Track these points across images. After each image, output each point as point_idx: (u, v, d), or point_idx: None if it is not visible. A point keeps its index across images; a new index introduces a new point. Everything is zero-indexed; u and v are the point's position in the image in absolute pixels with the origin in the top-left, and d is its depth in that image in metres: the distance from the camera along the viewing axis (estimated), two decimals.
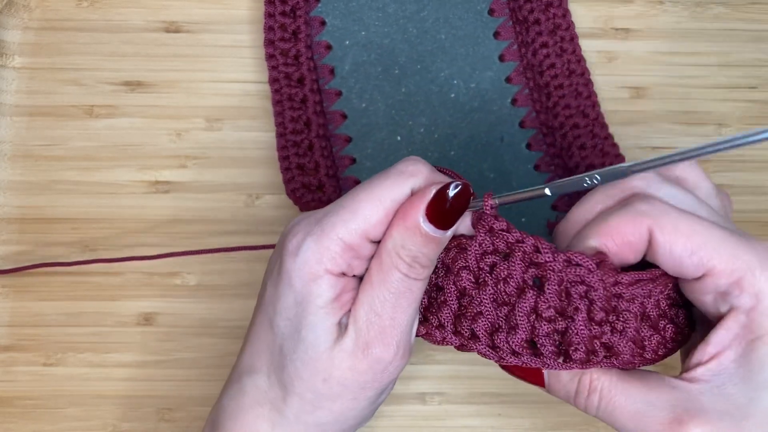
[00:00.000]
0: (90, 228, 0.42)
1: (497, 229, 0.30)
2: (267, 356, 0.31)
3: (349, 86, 0.44)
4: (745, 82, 0.45)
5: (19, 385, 0.41)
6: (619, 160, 0.42)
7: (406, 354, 0.30)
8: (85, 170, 0.43)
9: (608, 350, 0.29)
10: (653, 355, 0.29)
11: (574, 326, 0.29)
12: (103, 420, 0.40)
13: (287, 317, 0.30)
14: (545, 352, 0.29)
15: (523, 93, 0.44)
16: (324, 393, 0.30)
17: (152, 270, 0.42)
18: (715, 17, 0.46)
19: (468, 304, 0.30)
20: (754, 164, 0.44)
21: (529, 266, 0.29)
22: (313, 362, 0.29)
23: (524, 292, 0.29)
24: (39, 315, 0.41)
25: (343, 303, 0.30)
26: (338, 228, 0.29)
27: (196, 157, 0.43)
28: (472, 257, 0.30)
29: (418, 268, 0.29)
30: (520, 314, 0.29)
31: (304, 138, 0.42)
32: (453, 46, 0.44)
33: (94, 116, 0.44)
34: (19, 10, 0.44)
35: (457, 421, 0.41)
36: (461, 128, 0.43)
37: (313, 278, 0.29)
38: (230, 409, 0.31)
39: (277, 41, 0.43)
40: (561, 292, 0.29)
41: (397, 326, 0.29)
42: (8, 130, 0.43)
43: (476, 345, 0.30)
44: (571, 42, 0.44)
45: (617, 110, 0.45)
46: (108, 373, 0.41)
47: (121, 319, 0.41)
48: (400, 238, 0.29)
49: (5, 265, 0.41)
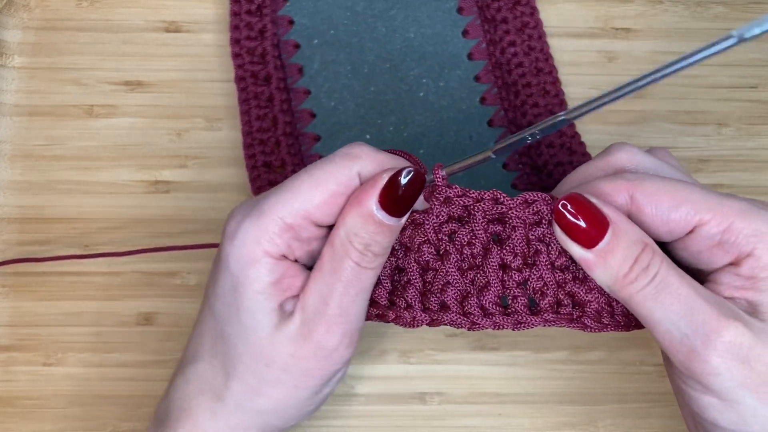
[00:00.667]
0: (90, 228, 0.42)
1: (453, 195, 0.30)
2: (210, 342, 0.30)
3: (318, 85, 0.43)
4: (745, 82, 0.45)
5: (19, 385, 0.40)
6: (586, 159, 0.42)
7: (352, 344, 0.30)
8: (85, 170, 0.43)
9: (575, 300, 0.29)
10: (624, 319, 0.30)
11: (537, 271, 0.29)
12: (103, 420, 0.40)
13: (226, 302, 0.29)
14: (517, 306, 0.29)
15: (491, 92, 0.44)
16: (266, 378, 0.29)
17: (152, 270, 0.42)
18: (715, 17, 0.46)
19: (433, 279, 0.30)
20: (754, 164, 0.45)
21: (489, 223, 0.30)
22: (254, 347, 0.29)
23: (489, 250, 0.29)
24: (39, 315, 0.41)
25: (284, 288, 0.29)
26: (277, 208, 0.29)
27: (196, 157, 0.43)
28: (430, 230, 0.30)
29: (371, 256, 0.29)
30: (490, 271, 0.29)
31: (270, 136, 0.42)
32: (422, 45, 0.44)
33: (94, 116, 0.44)
34: (19, 10, 0.44)
35: (457, 421, 0.41)
36: (430, 127, 0.43)
37: (250, 262, 0.29)
38: (174, 399, 0.31)
39: (243, 40, 0.43)
40: (523, 238, 0.29)
41: (344, 315, 0.29)
42: (8, 130, 0.43)
43: (447, 316, 0.29)
44: (539, 40, 0.44)
45: (617, 110, 0.45)
46: (108, 373, 0.41)
47: (121, 319, 0.41)
48: (352, 226, 0.28)
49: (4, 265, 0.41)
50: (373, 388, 0.41)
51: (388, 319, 0.30)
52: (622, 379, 0.41)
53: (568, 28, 0.46)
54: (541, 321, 0.29)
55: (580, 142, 0.43)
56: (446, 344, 0.41)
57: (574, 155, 0.42)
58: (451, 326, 0.30)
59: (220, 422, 0.30)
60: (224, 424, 0.30)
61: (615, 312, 0.30)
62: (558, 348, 0.41)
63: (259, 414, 0.30)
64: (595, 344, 0.41)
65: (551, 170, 0.42)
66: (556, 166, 0.42)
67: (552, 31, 0.46)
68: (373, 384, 0.41)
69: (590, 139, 0.44)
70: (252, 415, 0.30)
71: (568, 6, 0.46)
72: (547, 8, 0.46)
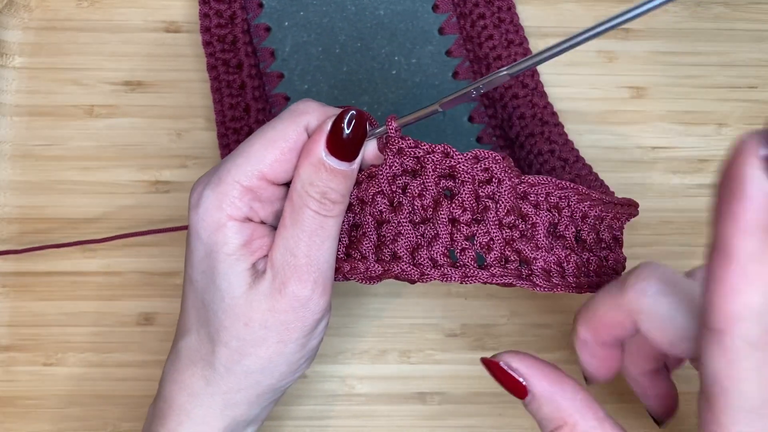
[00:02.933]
0: (90, 228, 0.42)
1: (405, 146, 0.30)
2: (194, 314, 0.31)
3: (291, 68, 0.43)
4: (745, 82, 0.45)
5: (19, 385, 0.41)
6: (558, 129, 0.42)
7: (326, 292, 0.30)
8: (85, 170, 0.43)
9: (521, 257, 0.30)
10: (575, 279, 0.30)
11: (485, 227, 0.30)
12: (103, 420, 0.40)
13: (201, 270, 0.30)
14: (465, 259, 0.30)
15: (464, 66, 0.44)
16: (248, 338, 0.30)
17: (152, 270, 0.42)
18: (715, 17, 0.46)
19: (386, 231, 0.30)
20: None
21: (441, 178, 0.30)
22: (232, 308, 0.30)
23: (440, 204, 0.30)
24: (39, 315, 0.41)
25: (254, 249, 0.30)
26: (233, 172, 0.30)
27: (196, 157, 0.43)
28: (383, 180, 0.30)
29: (329, 204, 0.29)
30: (440, 224, 0.30)
31: (243, 125, 0.42)
32: (392, 22, 0.44)
33: (94, 116, 0.44)
34: (19, 10, 0.44)
35: (457, 421, 0.41)
36: (404, 104, 0.43)
37: (217, 227, 0.30)
38: (169, 373, 0.32)
39: (214, 28, 0.43)
40: (473, 193, 0.30)
41: (313, 263, 0.29)
42: (8, 130, 0.43)
43: (398, 265, 0.30)
44: (509, 12, 0.44)
45: (617, 110, 0.45)
46: (108, 373, 0.41)
47: (121, 319, 0.41)
48: (306, 176, 0.29)
49: (4, 265, 0.41)
50: (373, 388, 0.41)
51: (344, 271, 0.31)
52: (622, 379, 0.41)
53: (568, 28, 0.46)
54: (489, 275, 0.30)
55: (553, 113, 0.43)
56: (446, 344, 0.41)
57: (546, 126, 0.42)
58: (402, 278, 0.30)
59: (214, 388, 0.31)
60: (217, 389, 0.31)
61: (566, 273, 0.30)
62: (558, 348, 0.41)
63: (248, 374, 0.31)
64: None
65: (514, 122, 0.42)
66: (519, 118, 0.42)
67: (552, 31, 0.46)
68: (373, 384, 0.41)
69: (590, 139, 0.44)
70: (242, 377, 0.31)
71: (568, 6, 0.46)
72: (547, 8, 0.46)
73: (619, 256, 0.33)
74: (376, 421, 0.41)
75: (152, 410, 0.32)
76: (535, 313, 0.42)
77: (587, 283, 0.31)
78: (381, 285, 0.42)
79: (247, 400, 0.31)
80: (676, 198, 0.44)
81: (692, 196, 0.44)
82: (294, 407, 0.41)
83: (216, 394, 0.31)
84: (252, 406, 0.31)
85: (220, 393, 0.31)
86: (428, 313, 0.42)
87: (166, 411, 0.31)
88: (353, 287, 0.42)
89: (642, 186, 0.44)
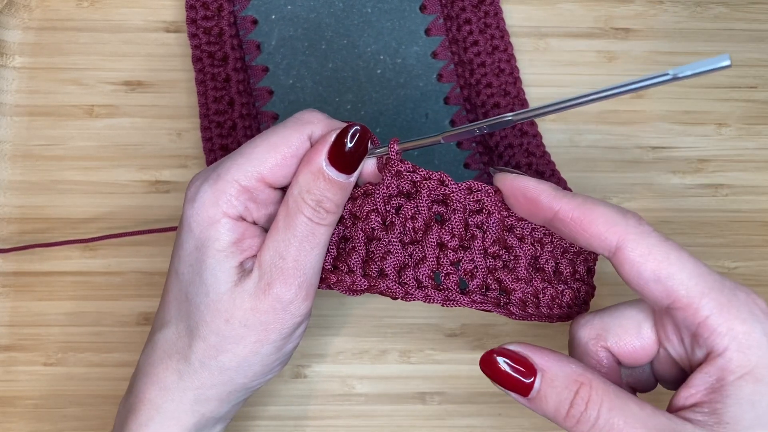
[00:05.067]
0: (90, 228, 0.42)
1: (404, 170, 0.31)
2: (175, 307, 0.32)
3: (276, 62, 0.43)
4: (745, 82, 0.45)
5: (19, 385, 0.41)
6: (537, 140, 0.43)
7: (309, 297, 0.31)
8: (85, 170, 0.43)
9: (502, 287, 0.31)
10: (548, 311, 0.32)
11: (470, 254, 0.31)
12: (103, 420, 0.40)
13: (189, 263, 0.31)
14: (448, 283, 0.31)
15: (448, 68, 0.44)
16: (227, 335, 0.30)
17: (152, 270, 0.42)
18: (715, 17, 0.46)
19: (376, 248, 0.31)
20: (753, 164, 0.45)
21: (434, 203, 0.31)
22: (215, 304, 0.30)
23: (430, 228, 0.31)
24: (39, 315, 0.41)
25: (244, 248, 0.31)
26: (233, 171, 0.30)
27: (196, 156, 0.43)
28: (379, 199, 0.31)
29: (323, 212, 0.30)
30: (428, 247, 0.31)
31: (227, 118, 0.42)
32: (379, 20, 0.44)
33: (94, 116, 0.44)
34: (19, 10, 0.44)
35: (457, 421, 0.41)
36: (387, 105, 0.43)
37: (210, 222, 0.30)
38: (143, 366, 0.32)
39: (200, 20, 0.43)
40: (462, 222, 0.31)
41: (300, 268, 0.30)
42: (8, 130, 0.43)
43: (384, 282, 0.31)
44: (495, 17, 0.44)
45: (617, 110, 0.45)
46: (108, 373, 0.41)
47: (121, 319, 0.41)
48: (305, 183, 0.30)
49: (4, 265, 0.41)
50: (373, 388, 0.41)
51: (330, 282, 0.32)
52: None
53: (568, 28, 0.46)
54: (469, 301, 0.31)
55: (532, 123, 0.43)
56: (446, 344, 0.41)
57: (525, 137, 0.43)
58: (387, 294, 0.31)
59: (186, 382, 0.31)
60: (190, 384, 0.31)
61: (540, 304, 0.32)
62: (558, 348, 0.41)
63: (223, 371, 0.31)
64: None
65: (502, 151, 0.43)
66: (507, 147, 0.42)
67: (552, 31, 0.46)
68: (373, 384, 0.41)
69: (590, 139, 0.44)
70: (217, 373, 0.31)
71: (568, 6, 0.46)
72: (547, 8, 0.46)
73: (591, 287, 0.34)
74: (376, 421, 0.41)
75: (123, 405, 0.32)
76: None
77: (558, 314, 0.32)
78: None
79: (219, 397, 0.31)
80: (676, 198, 0.44)
81: (692, 196, 0.44)
82: (294, 407, 0.41)
83: (188, 389, 0.31)
84: (222, 403, 0.32)
85: (193, 388, 0.31)
86: (428, 313, 0.42)
87: (137, 405, 0.31)
88: None
89: (642, 186, 0.44)
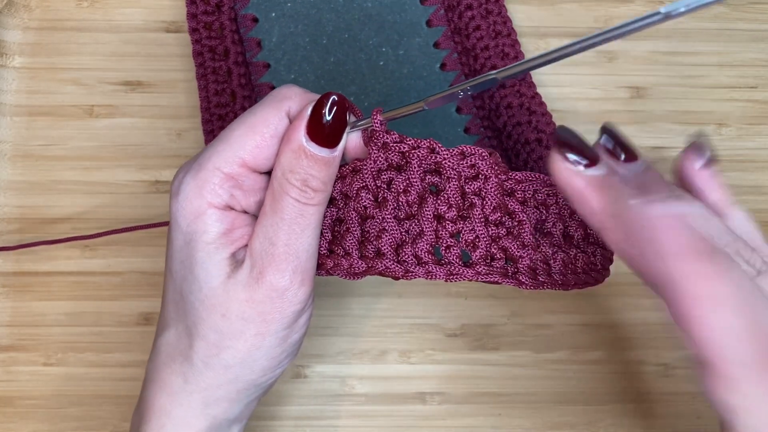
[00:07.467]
0: (90, 228, 0.42)
1: (390, 141, 0.29)
2: (173, 308, 0.30)
3: (277, 58, 0.43)
4: (745, 82, 0.45)
5: (19, 385, 0.41)
6: (546, 118, 0.42)
7: (306, 282, 0.29)
8: (85, 170, 0.43)
9: (507, 255, 0.29)
10: (562, 277, 0.30)
11: (470, 224, 0.29)
12: (103, 420, 0.40)
13: (180, 260, 0.30)
14: (450, 257, 0.29)
15: (451, 57, 0.44)
16: (226, 331, 0.29)
17: (152, 270, 0.42)
18: (715, 17, 0.46)
19: (370, 227, 0.30)
20: (754, 164, 0.45)
21: (426, 173, 0.30)
22: (209, 299, 0.29)
23: (425, 200, 0.29)
24: (39, 315, 0.41)
25: (234, 238, 0.29)
26: (214, 159, 0.29)
27: None
28: (368, 175, 0.30)
29: (310, 192, 0.29)
30: (425, 221, 0.29)
31: (228, 111, 0.42)
32: (380, 14, 0.44)
33: (94, 116, 0.44)
34: (19, 10, 0.44)
35: (457, 421, 0.41)
36: (391, 96, 0.43)
37: (196, 215, 0.29)
38: (149, 372, 0.31)
39: (200, 15, 0.43)
40: (458, 190, 0.29)
41: (292, 252, 0.29)
42: (8, 130, 0.43)
43: (382, 262, 0.29)
44: (497, 3, 0.44)
45: (617, 110, 0.45)
46: (108, 373, 0.41)
47: (121, 319, 0.41)
48: (287, 163, 0.29)
49: (4, 265, 0.41)
50: (373, 388, 0.41)
51: (327, 267, 0.30)
52: (622, 379, 0.41)
53: (568, 28, 0.46)
54: (474, 273, 0.29)
55: (541, 102, 0.43)
56: (446, 344, 0.41)
57: (534, 115, 0.42)
58: (387, 274, 0.29)
59: (192, 385, 0.30)
60: (196, 386, 0.30)
61: (552, 270, 0.30)
62: (558, 348, 0.41)
63: (228, 369, 0.30)
64: (595, 344, 0.41)
65: (501, 112, 0.42)
66: (507, 108, 0.42)
67: (552, 31, 0.46)
68: (373, 384, 0.41)
69: (590, 139, 0.44)
70: (221, 372, 0.30)
71: (568, 6, 0.46)
72: (547, 8, 0.46)
73: (607, 251, 0.32)
74: (376, 421, 0.41)
75: (135, 414, 0.32)
76: (535, 313, 0.42)
77: (574, 281, 0.30)
78: (381, 285, 0.42)
79: (228, 397, 0.30)
80: None
81: None
82: (294, 407, 0.41)
83: (195, 392, 0.30)
84: (233, 403, 0.30)
85: (199, 390, 0.30)
86: (428, 313, 0.42)
87: (147, 414, 0.30)
88: (353, 286, 0.42)
89: None
